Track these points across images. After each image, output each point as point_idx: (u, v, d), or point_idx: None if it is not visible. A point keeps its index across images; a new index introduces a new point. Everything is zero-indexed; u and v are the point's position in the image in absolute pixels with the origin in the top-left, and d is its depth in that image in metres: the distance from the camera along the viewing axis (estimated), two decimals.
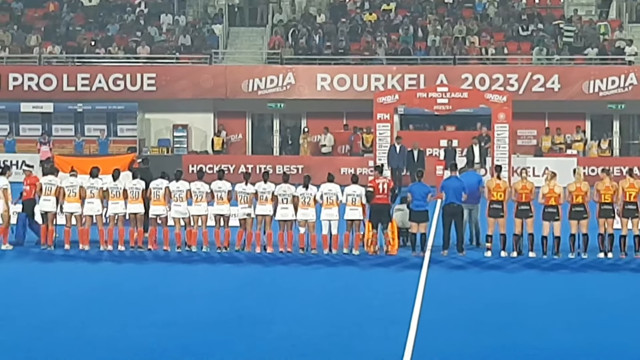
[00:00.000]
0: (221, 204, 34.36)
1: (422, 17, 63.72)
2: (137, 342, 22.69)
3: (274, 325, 24.68)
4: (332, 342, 22.93)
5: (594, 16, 64.19)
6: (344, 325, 24.56)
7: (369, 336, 23.41)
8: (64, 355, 21.58)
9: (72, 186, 34.84)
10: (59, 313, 25.68)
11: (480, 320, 25.17)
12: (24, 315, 25.40)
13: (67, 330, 23.83)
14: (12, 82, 60.70)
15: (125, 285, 29.67)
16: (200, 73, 61.37)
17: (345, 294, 28.64)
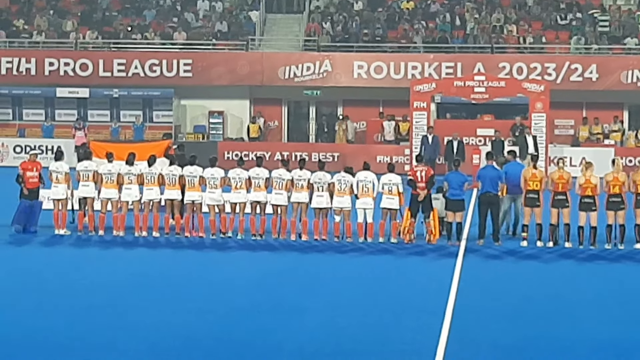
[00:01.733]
0: (258, 191, 34.42)
1: (459, 5, 63.67)
2: (173, 329, 22.75)
3: (309, 313, 24.72)
4: (367, 331, 22.96)
5: (633, 6, 64.00)
6: (379, 314, 24.60)
7: (403, 325, 23.41)
8: (103, 341, 21.69)
9: (109, 173, 34.91)
10: (96, 300, 25.74)
11: (515, 310, 25.16)
12: (62, 301, 25.57)
13: (105, 316, 23.89)
14: (48, 67, 60.82)
15: (161, 273, 29.75)
16: (237, 60, 61.40)
17: (381, 282, 28.62)
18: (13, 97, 61.41)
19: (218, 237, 34.46)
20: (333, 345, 21.59)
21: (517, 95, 53.98)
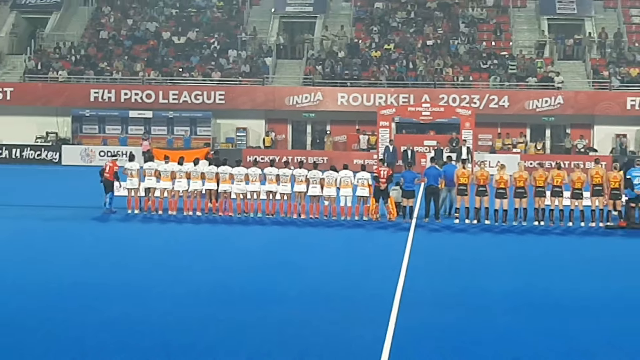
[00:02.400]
0: (271, 184, 34.44)
1: (412, 54, 63.56)
2: (209, 278, 22.92)
3: (305, 269, 24.86)
4: (346, 281, 23.07)
5: (533, 55, 63.98)
6: (354, 270, 24.77)
7: (372, 277, 23.61)
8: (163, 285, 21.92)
9: (166, 170, 34.98)
10: (157, 258, 26.01)
11: (450, 267, 25.31)
12: (134, 259, 25.80)
13: (163, 271, 24.10)
14: (123, 96, 60.75)
15: (201, 240, 29.85)
16: (256, 92, 61.32)
17: (356, 247, 28.77)
18: (99, 117, 61.26)
19: (242, 216, 34.41)
20: (323, 291, 21.76)
21: (452, 117, 53.96)
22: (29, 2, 69.51)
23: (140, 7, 69.86)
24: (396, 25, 67.16)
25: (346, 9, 69.62)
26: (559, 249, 29.22)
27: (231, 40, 65.99)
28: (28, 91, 61.92)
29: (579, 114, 59.89)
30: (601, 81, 61.16)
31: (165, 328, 17.94)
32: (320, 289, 22.07)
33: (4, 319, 18.46)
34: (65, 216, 34.46)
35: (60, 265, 24.56)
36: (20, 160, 59.26)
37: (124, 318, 18.65)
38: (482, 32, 66.76)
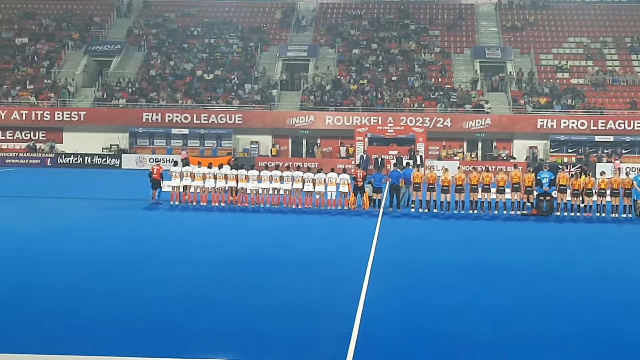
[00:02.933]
0: (276, 183, 34.42)
1: (380, 87, 63.58)
2: (229, 253, 22.89)
3: (301, 245, 24.81)
4: (331, 253, 23.06)
5: (469, 88, 64.06)
6: (337, 245, 24.70)
7: (350, 250, 23.53)
8: (193, 258, 21.90)
9: (199, 172, 34.93)
10: (192, 237, 25.91)
11: (409, 244, 25.27)
12: (176, 238, 25.74)
13: (194, 247, 24.04)
14: (167, 118, 60.65)
15: (225, 224, 29.78)
16: (265, 115, 61.24)
17: (339, 230, 28.68)
18: (149, 133, 61.24)
19: (255, 206, 34.38)
20: (314, 261, 21.72)
21: (409, 134, 54.05)
22: (98, 49, 69.50)
23: (180, 52, 69.79)
24: (368, 66, 67.16)
25: (331, 54, 69.64)
26: (488, 230, 29.26)
27: (247, 77, 65.95)
28: (96, 114, 61.81)
29: (503, 131, 60.00)
30: (518, 107, 61.25)
31: (196, 287, 18.05)
32: (311, 259, 22.07)
33: (83, 282, 18.61)
34: (125, 206, 34.43)
35: (122, 241, 24.61)
36: (91, 165, 59.33)
37: (166, 280, 18.76)
38: (431, 71, 66.76)
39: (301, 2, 77.03)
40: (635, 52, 68.19)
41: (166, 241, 24.98)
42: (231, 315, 15.66)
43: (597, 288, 18.82)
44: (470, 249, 24.36)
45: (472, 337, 14.51)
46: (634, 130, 58.75)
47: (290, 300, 16.93)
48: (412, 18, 73.81)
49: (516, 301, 17.23)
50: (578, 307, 16.77)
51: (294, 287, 18.34)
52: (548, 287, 18.71)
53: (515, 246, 25.36)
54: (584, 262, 22.45)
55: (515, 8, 75.06)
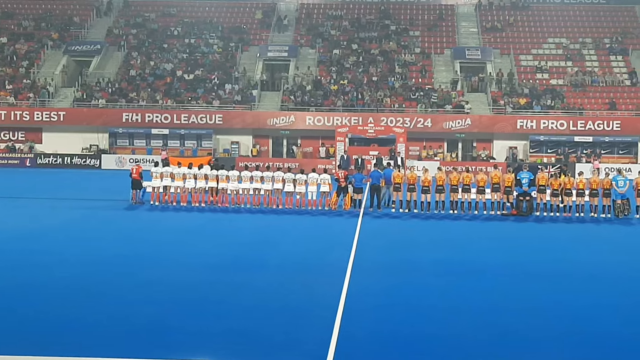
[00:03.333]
0: (257, 183, 34.44)
1: (360, 88, 63.72)
2: (211, 252, 22.94)
3: (281, 245, 24.87)
4: (313, 253, 23.13)
5: (449, 88, 64.29)
6: (319, 245, 24.81)
7: (331, 251, 23.58)
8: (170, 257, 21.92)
9: (179, 173, 34.96)
10: (170, 237, 25.93)
11: (389, 243, 25.37)
12: (156, 237, 25.71)
13: (182, 246, 24.07)
14: (147, 118, 60.57)
15: (205, 224, 29.80)
16: (246, 115, 61.26)
17: (320, 229, 28.79)
18: (129, 134, 61.17)
19: (235, 206, 34.41)
20: (295, 261, 21.81)
21: (390, 134, 54.15)
22: (77, 49, 69.34)
23: (160, 52, 69.66)
24: (349, 66, 67.28)
25: (312, 54, 69.72)
26: (468, 230, 29.37)
27: (227, 77, 65.92)
28: (76, 114, 61.63)
29: (483, 132, 60.30)
30: (498, 108, 61.55)
31: (179, 288, 18.07)
32: (293, 259, 22.12)
33: (65, 283, 18.60)
34: (105, 207, 34.35)
35: (103, 241, 24.60)
36: (70, 166, 59.20)
37: (149, 281, 18.76)
38: (412, 72, 66.95)
39: (282, 2, 77.07)
40: (614, 53, 68.64)
41: (147, 242, 24.97)
42: (213, 315, 15.70)
43: (577, 287, 18.96)
44: (450, 249, 24.46)
45: (454, 337, 14.60)
46: (613, 131, 59.16)
47: (271, 300, 16.98)
48: (393, 18, 74.01)
49: (497, 301, 17.34)
50: (560, 306, 16.89)
51: (275, 287, 18.38)
52: (528, 287, 18.83)
53: (495, 246, 25.48)
54: (563, 261, 22.60)
55: (495, 9, 75.41)
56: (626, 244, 26.85)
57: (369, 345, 13.99)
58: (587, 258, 23.30)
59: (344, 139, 53.89)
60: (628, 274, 20.86)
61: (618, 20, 73.19)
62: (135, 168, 35.49)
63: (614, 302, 17.39)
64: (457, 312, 16.26)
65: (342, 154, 52.08)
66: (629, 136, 59.31)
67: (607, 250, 25.19)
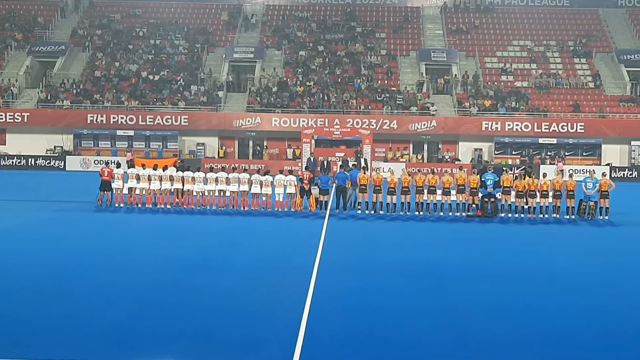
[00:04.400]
0: (222, 184, 34.34)
1: (327, 89, 63.81)
2: (174, 255, 22.82)
3: (248, 247, 24.75)
4: (278, 255, 23.09)
5: (415, 90, 64.52)
6: (285, 247, 24.72)
7: (297, 252, 23.54)
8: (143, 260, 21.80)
9: (144, 174, 34.81)
10: (136, 239, 25.80)
11: (354, 245, 25.36)
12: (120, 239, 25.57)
13: (140, 247, 23.96)
14: (112, 119, 60.34)
15: (170, 226, 29.63)
16: (212, 116, 61.18)
17: (286, 231, 28.72)
18: (94, 135, 60.91)
19: (201, 208, 34.29)
20: (261, 263, 21.75)
21: (356, 136, 54.26)
22: (41, 49, 68.87)
23: (125, 53, 69.33)
24: (315, 68, 67.35)
25: (278, 56, 69.71)
26: (434, 231, 29.47)
27: (193, 78, 65.75)
28: (40, 115, 61.22)
29: (448, 133, 60.59)
30: (464, 110, 61.87)
31: (143, 290, 17.97)
32: (258, 261, 22.07)
33: (28, 285, 18.43)
34: (69, 208, 34.16)
35: (67, 244, 24.41)
36: (35, 167, 58.88)
37: (113, 283, 18.63)
38: (377, 73, 67.15)
39: (247, 3, 77.01)
40: (578, 56, 69.24)
41: (111, 244, 24.77)
42: (178, 317, 15.63)
43: (539, 288, 19.07)
44: (416, 251, 24.52)
45: (418, 338, 14.64)
46: (577, 133, 59.67)
47: (236, 302, 16.94)
48: (359, 20, 74.18)
49: (463, 302, 17.40)
50: (521, 307, 17.00)
51: (240, 289, 18.33)
52: (494, 288, 18.92)
53: (460, 247, 25.56)
54: (527, 262, 22.73)
55: (460, 11, 75.81)
56: (589, 245, 27.03)
57: (334, 347, 13.98)
58: (549, 259, 23.44)
59: (310, 140, 53.93)
60: (588, 276, 21.01)
61: (582, 23, 73.87)
62: (108, 170, 35.29)
63: (575, 303, 17.52)
64: (421, 314, 16.30)
65: (309, 157, 52.11)
66: (593, 138, 59.85)
67: (569, 251, 25.34)
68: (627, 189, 46.83)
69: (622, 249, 26.24)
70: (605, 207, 33.52)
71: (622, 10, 75.38)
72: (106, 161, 49.78)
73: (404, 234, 28.38)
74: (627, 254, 25.17)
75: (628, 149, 60.08)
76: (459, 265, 22.07)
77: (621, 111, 62.06)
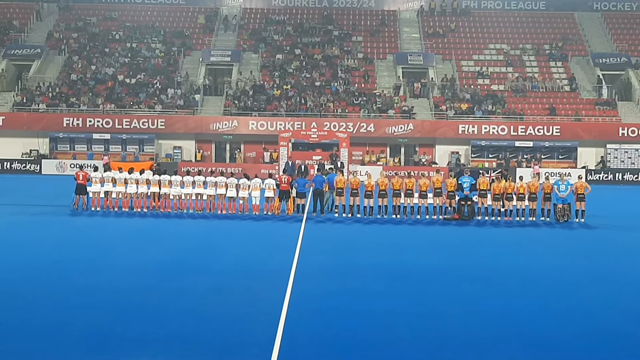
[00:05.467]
0: (199, 188, 34.29)
1: (304, 93, 63.79)
2: (151, 258, 22.77)
3: (225, 250, 24.78)
4: (255, 258, 23.08)
5: (392, 94, 64.61)
6: (262, 250, 24.69)
7: (274, 255, 23.49)
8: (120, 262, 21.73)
9: (120, 178, 34.70)
10: (112, 242, 25.70)
11: (331, 247, 25.39)
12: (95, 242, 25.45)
13: (120, 247, 23.88)
14: (88, 123, 59.94)
15: (147, 229, 29.58)
16: (188, 120, 60.92)
17: (263, 234, 28.65)
18: (70, 138, 60.43)
19: (178, 212, 34.22)
20: (238, 266, 21.78)
21: (333, 139, 54.26)
22: (17, 52, 68.40)
23: (101, 56, 69.02)
24: (292, 71, 67.30)
25: (255, 59, 69.60)
26: (411, 234, 29.55)
27: (169, 81, 65.52)
28: (16, 119, 60.78)
29: (425, 136, 60.64)
30: (440, 113, 62.01)
31: (120, 293, 17.92)
32: (235, 264, 22.07)
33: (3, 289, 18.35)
34: (46, 212, 33.94)
35: (44, 248, 24.30)
36: (10, 171, 58.41)
37: (90, 286, 18.57)
38: (355, 77, 67.17)
39: (224, 7, 76.91)
40: (554, 59, 69.62)
41: (87, 247, 24.67)
42: (156, 320, 15.60)
43: (516, 290, 19.18)
44: (393, 254, 24.56)
45: (394, 341, 14.67)
46: (553, 136, 59.99)
47: (213, 305, 16.92)
48: (335, 24, 74.23)
49: (441, 304, 17.47)
50: (498, 310, 17.09)
51: (218, 292, 18.32)
52: (472, 290, 19.01)
53: (437, 250, 25.65)
54: (503, 265, 22.85)
55: (437, 15, 76.02)
56: (565, 248, 27.17)
57: (312, 350, 14.00)
58: (526, 262, 23.56)
59: (287, 143, 53.90)
60: (565, 278, 21.16)
61: (558, 27, 74.26)
62: (82, 174, 35.11)
63: (551, 305, 17.62)
64: (399, 316, 16.34)
65: (287, 161, 52.05)
66: (569, 141, 60.16)
67: (546, 254, 25.47)
68: (603, 191, 47.13)
69: (598, 250, 26.44)
70: (581, 209, 33.74)
71: (597, 14, 75.84)
72: (80, 165, 49.54)
73: (381, 237, 28.42)
74: (603, 255, 25.37)
75: (604, 151, 60.46)
76: (437, 268, 22.15)
77: (596, 114, 62.45)
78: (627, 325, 16.13)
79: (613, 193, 50.45)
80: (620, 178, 58.74)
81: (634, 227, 32.80)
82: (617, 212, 38.65)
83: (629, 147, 60.08)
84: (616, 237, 30.02)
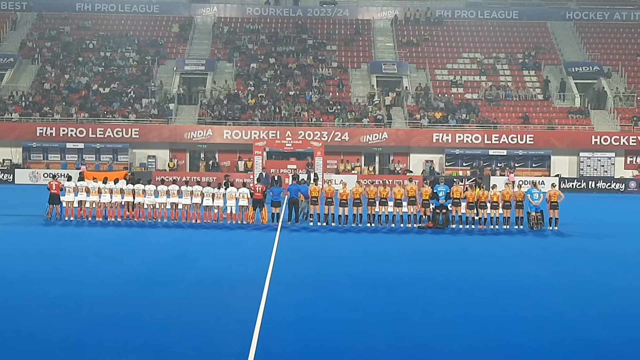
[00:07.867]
0: (174, 197, 34.27)
1: (278, 102, 63.81)
2: (124, 268, 22.63)
3: (199, 260, 24.61)
4: (230, 267, 23.01)
5: (367, 102, 64.73)
6: (236, 259, 24.60)
7: (249, 264, 23.40)
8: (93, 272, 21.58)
9: (94, 187, 34.57)
10: (88, 250, 25.52)
11: (307, 257, 25.35)
12: (70, 251, 25.30)
13: (94, 258, 23.71)
14: (62, 132, 59.69)
15: (121, 239, 29.42)
16: (162, 129, 60.78)
17: (238, 243, 28.62)
18: (43, 148, 60.25)
19: (152, 221, 34.10)
20: (213, 275, 21.69)
21: (307, 148, 54.28)
22: None
23: (75, 66, 68.77)
24: (266, 80, 67.33)
25: (229, 68, 69.60)
26: (385, 243, 29.54)
27: (143, 91, 65.37)
28: None
29: (399, 145, 60.88)
30: (415, 122, 62.24)
31: (93, 303, 17.80)
32: (210, 273, 21.99)
33: None
34: (19, 222, 33.72)
35: (17, 257, 24.10)
36: None
37: (63, 296, 18.44)
38: (329, 85, 67.31)
39: (199, 16, 76.85)
40: (527, 68, 70.06)
41: (61, 257, 24.52)
42: (130, 331, 15.51)
43: (489, 299, 19.21)
44: (367, 262, 24.54)
45: (372, 350, 14.66)
46: (526, 144, 60.33)
47: (187, 315, 16.84)
48: (310, 33, 74.34)
49: (416, 313, 17.46)
50: (472, 319, 17.10)
51: (192, 301, 18.23)
52: (446, 299, 19.01)
53: (411, 259, 25.67)
54: (477, 273, 22.88)
55: (410, 24, 76.28)
56: (539, 255, 27.24)
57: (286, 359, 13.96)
58: (500, 270, 23.62)
59: (261, 152, 53.86)
60: (539, 286, 21.20)
61: (530, 36, 74.71)
62: (55, 184, 34.90)
63: (525, 314, 17.65)
64: (374, 325, 16.32)
65: (261, 171, 52.00)
66: (542, 149, 60.53)
67: (520, 262, 25.56)
68: (576, 199, 47.38)
69: (571, 258, 26.51)
70: (555, 217, 33.89)
71: (570, 23, 76.39)
72: (53, 174, 49.32)
73: (356, 246, 28.42)
74: (576, 263, 25.45)
75: (577, 160, 60.85)
76: (411, 276, 22.14)
77: (569, 123, 62.85)
78: (601, 332, 16.20)
79: (586, 201, 50.76)
80: (593, 186, 59.15)
81: (607, 234, 32.98)
82: (590, 220, 38.84)
83: (601, 155, 60.51)
84: (589, 245, 30.14)
